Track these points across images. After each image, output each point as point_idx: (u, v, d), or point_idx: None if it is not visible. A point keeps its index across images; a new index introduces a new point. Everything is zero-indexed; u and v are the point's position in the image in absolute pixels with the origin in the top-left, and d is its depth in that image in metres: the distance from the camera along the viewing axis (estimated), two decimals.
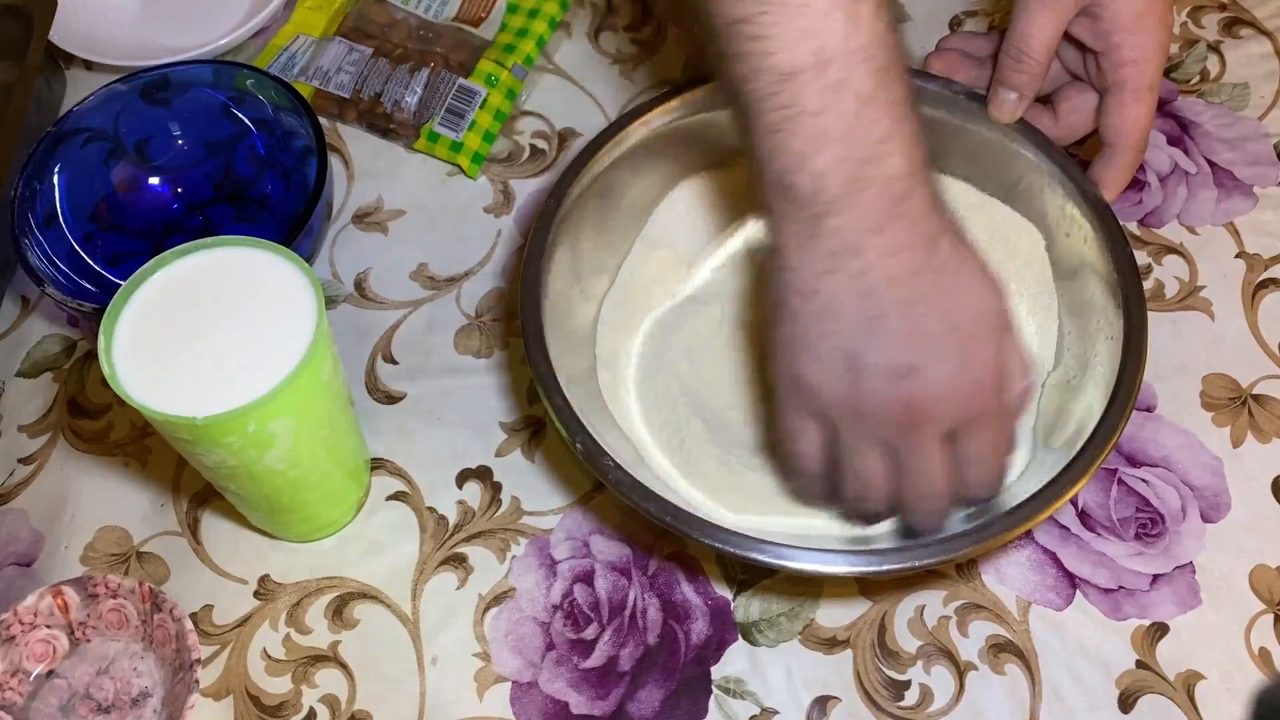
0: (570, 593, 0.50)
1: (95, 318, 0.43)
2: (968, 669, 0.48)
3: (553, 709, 0.48)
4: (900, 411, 0.39)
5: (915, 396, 0.39)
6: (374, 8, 0.66)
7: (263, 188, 0.60)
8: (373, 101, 0.63)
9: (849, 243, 0.38)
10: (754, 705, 0.48)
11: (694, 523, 0.42)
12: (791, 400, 0.42)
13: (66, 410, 0.56)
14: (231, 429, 0.40)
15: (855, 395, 0.39)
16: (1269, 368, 0.55)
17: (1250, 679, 0.48)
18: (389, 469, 0.54)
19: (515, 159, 0.63)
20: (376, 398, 0.56)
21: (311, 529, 0.51)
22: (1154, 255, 0.58)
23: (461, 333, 0.58)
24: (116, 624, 0.49)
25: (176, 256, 0.43)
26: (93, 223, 0.57)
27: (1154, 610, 0.49)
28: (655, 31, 0.68)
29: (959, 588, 0.50)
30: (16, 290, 0.60)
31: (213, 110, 0.59)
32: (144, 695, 0.48)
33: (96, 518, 0.53)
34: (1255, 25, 0.66)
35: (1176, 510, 0.51)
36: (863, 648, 0.49)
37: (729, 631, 0.49)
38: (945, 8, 0.68)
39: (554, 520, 0.52)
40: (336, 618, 0.50)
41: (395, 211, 0.62)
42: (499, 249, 0.60)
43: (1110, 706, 0.47)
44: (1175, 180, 0.61)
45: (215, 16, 0.68)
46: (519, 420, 0.55)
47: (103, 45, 0.66)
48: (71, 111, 0.56)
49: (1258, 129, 0.62)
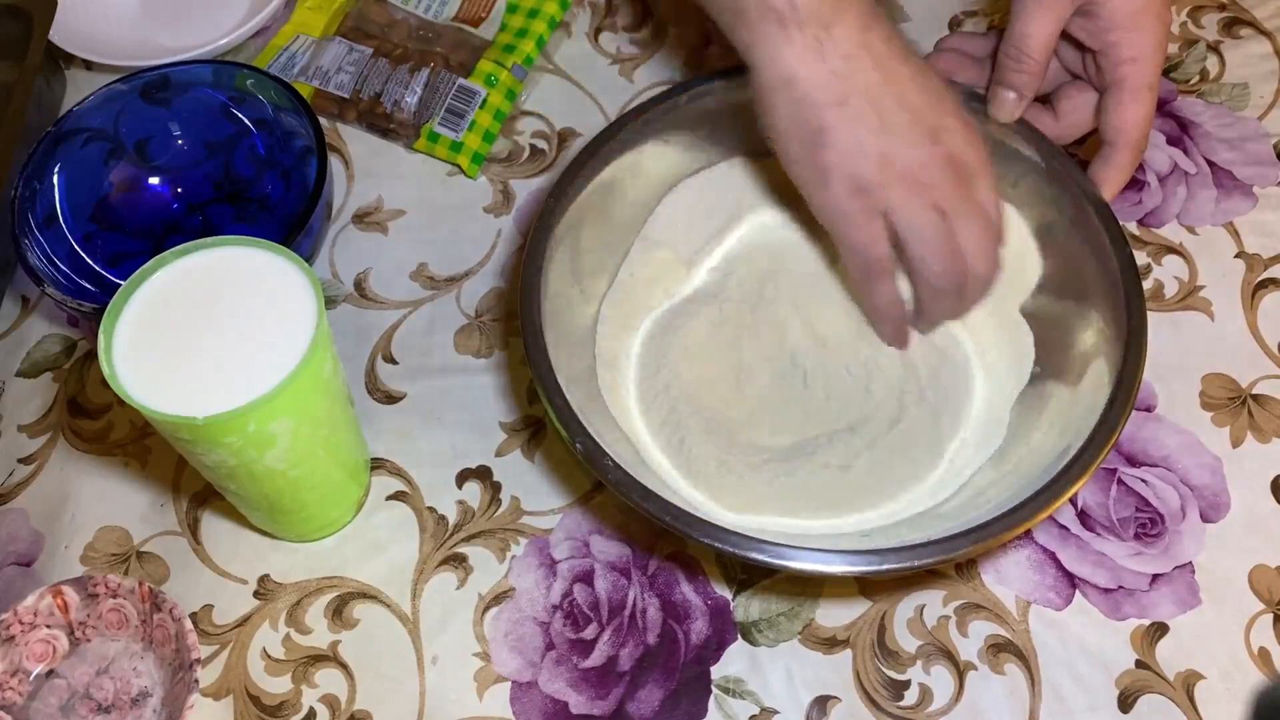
0: (570, 592, 0.50)
1: (95, 318, 0.43)
2: (967, 669, 0.48)
3: (552, 709, 0.48)
4: (947, 167, 0.45)
5: (952, 151, 0.45)
6: (374, 8, 0.66)
7: (263, 188, 0.60)
8: (373, 101, 0.63)
9: (856, 40, 0.43)
10: (754, 705, 0.48)
11: (694, 523, 0.42)
12: (856, 209, 0.45)
13: (66, 410, 0.56)
14: (231, 429, 0.40)
15: (910, 170, 0.44)
16: (1268, 368, 0.55)
17: (1250, 679, 0.48)
18: (389, 469, 0.54)
19: (515, 159, 0.63)
20: (376, 398, 0.56)
21: (311, 529, 0.51)
22: (1154, 255, 0.58)
23: (461, 333, 0.58)
24: (116, 624, 0.49)
25: (176, 256, 0.43)
26: (93, 223, 0.57)
27: (1154, 610, 0.49)
28: (655, 31, 0.68)
29: (959, 588, 0.50)
30: (16, 290, 0.60)
31: (213, 110, 0.59)
32: (144, 695, 0.48)
33: (96, 518, 0.53)
34: (1255, 25, 0.66)
35: (1176, 510, 0.51)
36: (862, 648, 0.49)
37: (729, 631, 0.49)
38: (945, 8, 0.68)
39: (554, 520, 0.52)
40: (336, 617, 0.50)
41: (395, 211, 0.62)
42: (499, 249, 0.60)
43: (1110, 706, 0.47)
44: (1175, 180, 0.61)
45: (215, 16, 0.68)
46: (519, 420, 0.55)
47: (103, 45, 0.66)
48: (71, 111, 0.56)
49: (1257, 129, 0.62)
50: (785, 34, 0.43)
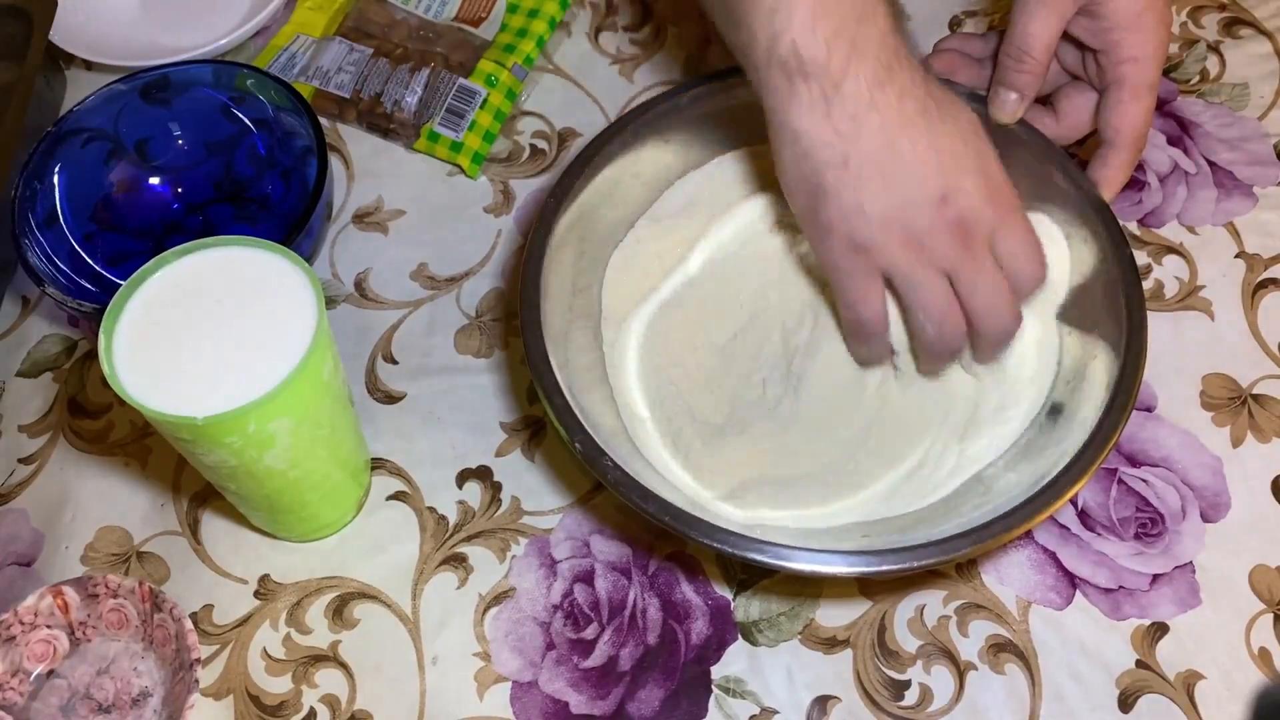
0: (570, 592, 0.50)
1: (95, 318, 0.43)
2: (967, 669, 0.48)
3: (553, 709, 0.48)
4: (953, 230, 0.43)
5: (961, 213, 0.43)
6: (374, 8, 0.66)
7: (263, 188, 0.60)
8: (373, 101, 0.63)
9: (865, 100, 0.42)
10: (754, 705, 0.48)
11: (694, 523, 0.42)
12: (854, 267, 0.45)
13: (66, 410, 0.56)
14: (232, 429, 0.40)
15: (912, 233, 0.43)
16: (1269, 367, 0.55)
17: (1250, 679, 0.48)
18: (389, 469, 0.54)
19: (515, 159, 0.63)
20: (376, 397, 0.56)
21: (312, 529, 0.51)
22: (1154, 255, 0.58)
23: (461, 333, 0.58)
24: (116, 624, 0.49)
25: (176, 256, 0.43)
26: (93, 223, 0.57)
27: (1154, 610, 0.49)
28: (655, 31, 0.68)
29: (959, 587, 0.50)
30: (16, 290, 0.60)
31: (213, 110, 0.59)
32: (144, 695, 0.48)
33: (97, 517, 0.53)
34: (1255, 25, 0.66)
35: (1176, 510, 0.51)
36: (863, 647, 0.49)
37: (729, 631, 0.49)
38: (945, 8, 0.68)
39: (554, 520, 0.52)
40: (336, 617, 0.50)
41: (395, 211, 0.62)
42: (499, 249, 0.60)
43: (1110, 706, 0.47)
44: (1175, 180, 0.61)
45: (215, 16, 0.68)
46: (519, 420, 0.55)
47: (103, 45, 0.66)
48: (71, 111, 0.56)
49: (1258, 129, 0.62)
50: (792, 88, 0.42)
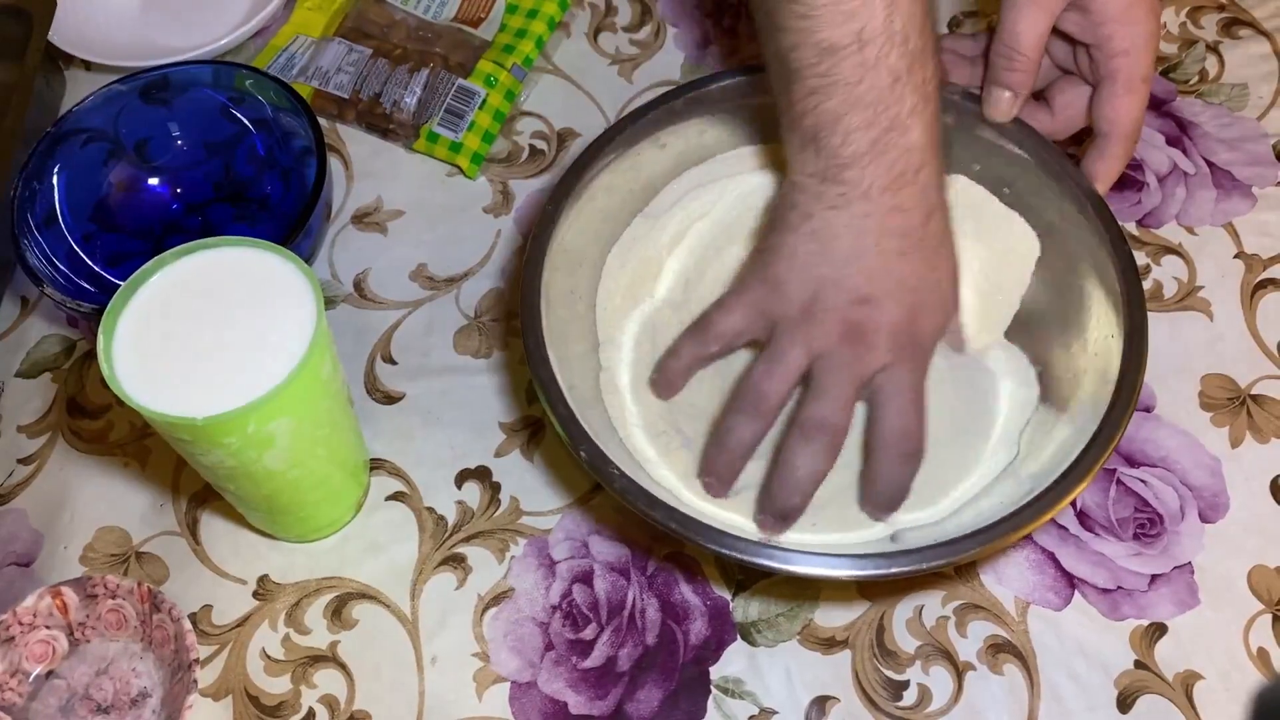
0: (569, 593, 0.50)
1: (95, 318, 0.43)
2: (966, 669, 0.48)
3: (552, 709, 0.48)
4: (846, 328, 0.44)
5: (865, 322, 0.43)
6: (373, 8, 0.66)
7: (262, 188, 0.60)
8: (372, 102, 0.63)
9: (862, 190, 0.42)
10: (753, 705, 0.48)
11: (699, 529, 0.42)
12: (748, 291, 0.46)
13: (66, 410, 0.56)
14: (231, 429, 0.40)
15: (812, 302, 0.44)
16: (1268, 368, 0.55)
17: (1249, 679, 0.48)
18: (388, 469, 0.54)
19: (514, 159, 0.63)
20: (376, 398, 0.56)
21: (311, 529, 0.51)
22: (1153, 255, 0.58)
23: (461, 333, 0.58)
24: (115, 624, 0.49)
25: (176, 256, 0.43)
26: (92, 223, 0.57)
27: (1152, 610, 0.49)
28: (655, 31, 0.68)
29: (957, 588, 0.50)
30: (16, 290, 0.60)
31: (212, 110, 0.59)
32: (143, 695, 0.48)
33: (96, 518, 0.53)
34: (1254, 25, 0.66)
35: (1175, 510, 0.51)
36: (861, 648, 0.49)
37: (728, 632, 0.49)
38: (944, 8, 0.68)
39: (553, 520, 0.52)
40: (335, 618, 0.50)
41: (394, 212, 0.62)
42: (498, 249, 0.60)
43: (1109, 706, 0.47)
44: (1174, 180, 0.61)
45: (215, 17, 0.68)
46: (518, 420, 0.55)
47: (102, 45, 0.66)
48: (71, 112, 0.56)
49: (1256, 129, 0.62)
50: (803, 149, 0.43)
